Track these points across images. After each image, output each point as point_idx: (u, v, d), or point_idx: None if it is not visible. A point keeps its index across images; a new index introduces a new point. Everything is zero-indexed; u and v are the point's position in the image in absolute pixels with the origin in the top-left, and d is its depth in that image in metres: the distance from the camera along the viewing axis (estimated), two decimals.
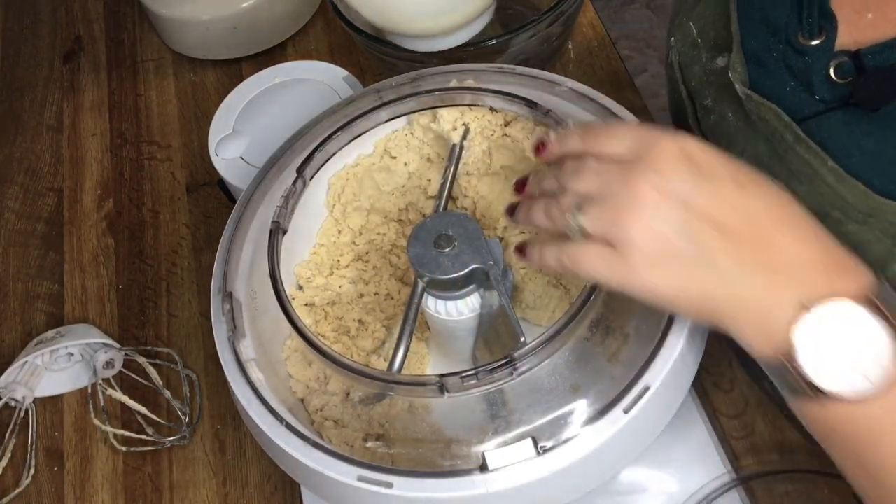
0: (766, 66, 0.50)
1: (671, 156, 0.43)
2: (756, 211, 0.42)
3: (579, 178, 0.46)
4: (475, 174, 0.63)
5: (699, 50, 0.57)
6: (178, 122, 0.94)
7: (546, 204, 0.48)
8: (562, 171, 0.47)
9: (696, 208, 0.42)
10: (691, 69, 0.58)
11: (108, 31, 1.03)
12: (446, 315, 0.54)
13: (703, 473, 0.63)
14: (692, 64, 0.58)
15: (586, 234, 0.44)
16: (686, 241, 0.42)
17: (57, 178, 0.93)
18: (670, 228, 0.42)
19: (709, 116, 0.56)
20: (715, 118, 0.55)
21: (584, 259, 0.45)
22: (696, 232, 0.42)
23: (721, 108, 0.54)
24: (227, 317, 0.55)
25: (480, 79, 0.62)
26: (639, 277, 0.43)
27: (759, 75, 0.51)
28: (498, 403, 0.49)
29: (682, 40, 0.59)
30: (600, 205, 0.44)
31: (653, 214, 0.42)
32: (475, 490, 0.47)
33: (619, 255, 0.43)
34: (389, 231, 0.64)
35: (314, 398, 0.54)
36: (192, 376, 0.76)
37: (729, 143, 0.53)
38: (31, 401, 0.76)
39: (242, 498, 0.70)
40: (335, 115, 0.64)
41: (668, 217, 0.42)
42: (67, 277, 0.85)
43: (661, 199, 0.42)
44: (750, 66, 0.51)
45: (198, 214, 0.87)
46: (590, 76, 0.87)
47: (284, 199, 0.58)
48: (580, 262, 0.45)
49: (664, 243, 0.42)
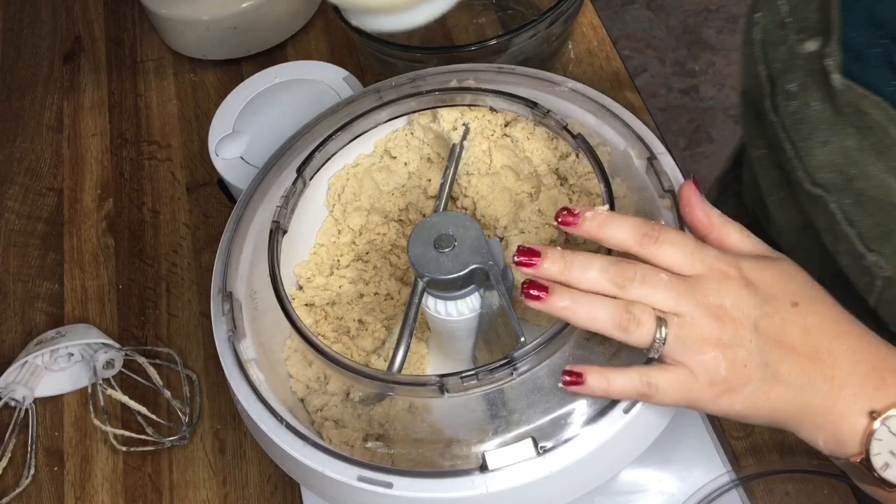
0: (866, 60, 0.48)
1: (735, 283, 0.45)
2: (813, 327, 0.45)
3: (651, 291, 0.44)
4: (475, 174, 0.63)
5: (787, 30, 0.54)
6: (178, 122, 0.94)
7: (613, 310, 0.44)
8: (619, 272, 0.45)
9: (763, 331, 0.44)
10: (776, 49, 0.55)
11: (108, 31, 1.03)
12: (446, 315, 0.54)
13: (703, 473, 0.62)
14: (778, 44, 0.55)
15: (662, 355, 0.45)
16: (760, 366, 0.44)
17: (57, 178, 0.93)
18: (747, 355, 0.44)
19: (789, 102, 0.53)
20: (797, 104, 0.53)
21: (665, 387, 0.45)
22: (767, 354, 0.44)
23: (806, 95, 0.52)
24: (227, 317, 0.55)
25: (480, 79, 0.62)
26: (717, 403, 0.45)
27: (858, 68, 0.49)
28: (498, 403, 0.49)
29: (769, 17, 0.56)
30: (680, 328, 0.44)
31: (732, 343, 0.44)
32: (475, 490, 0.47)
33: (699, 381, 0.44)
34: (389, 231, 0.64)
35: (314, 398, 0.54)
36: (192, 376, 0.76)
37: (810, 132, 0.51)
38: (31, 401, 0.76)
39: (242, 498, 0.70)
40: (335, 115, 0.64)
41: (746, 346, 0.44)
42: (67, 277, 0.85)
43: (738, 329, 0.44)
44: (847, 56, 0.49)
45: (198, 214, 0.87)
46: (590, 76, 0.87)
47: (284, 199, 0.58)
48: (661, 392, 0.45)
49: (743, 370, 0.44)
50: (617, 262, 0.45)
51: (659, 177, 0.54)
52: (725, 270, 0.45)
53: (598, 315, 0.44)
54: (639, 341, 0.44)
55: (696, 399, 0.45)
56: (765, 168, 0.60)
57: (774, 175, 0.60)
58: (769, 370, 0.44)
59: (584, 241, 0.59)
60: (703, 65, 2.02)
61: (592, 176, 0.56)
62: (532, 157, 0.61)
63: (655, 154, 0.56)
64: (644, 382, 0.45)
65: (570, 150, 0.60)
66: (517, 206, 0.62)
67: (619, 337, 0.45)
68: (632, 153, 0.57)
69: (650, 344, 0.44)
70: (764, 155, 0.60)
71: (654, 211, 0.54)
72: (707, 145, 1.90)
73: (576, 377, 0.45)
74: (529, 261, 0.46)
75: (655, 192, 0.55)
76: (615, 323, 0.44)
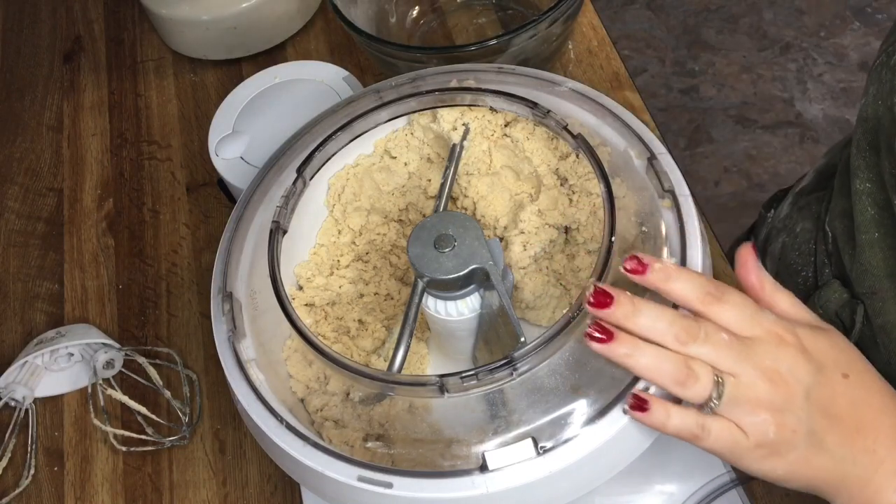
0: None
1: (792, 349, 0.46)
2: (860, 399, 0.46)
3: (712, 350, 0.45)
4: (475, 174, 0.63)
5: None
6: (178, 122, 0.94)
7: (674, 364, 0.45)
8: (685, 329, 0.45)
9: (814, 400, 0.45)
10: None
11: (108, 31, 1.03)
12: (446, 315, 0.54)
13: (703, 473, 0.62)
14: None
15: (718, 411, 0.45)
16: (807, 433, 0.45)
17: (57, 178, 0.93)
18: (796, 422, 0.45)
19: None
20: None
21: (716, 435, 0.46)
22: (814, 422, 0.45)
23: None
24: (227, 317, 0.55)
25: (480, 79, 0.62)
26: (760, 464, 0.46)
27: None
28: (498, 403, 0.49)
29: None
30: (735, 389, 0.45)
31: (783, 408, 0.45)
32: (475, 490, 0.47)
33: (748, 440, 0.45)
34: (389, 231, 0.64)
35: (314, 398, 0.54)
36: (192, 376, 0.76)
37: None
38: (31, 401, 0.76)
39: (242, 498, 0.70)
40: (335, 115, 0.64)
41: (796, 412, 0.45)
42: (67, 277, 0.85)
43: (790, 395, 0.45)
44: None
45: (198, 214, 0.87)
46: (590, 76, 0.87)
47: (284, 199, 0.58)
48: (711, 438, 0.46)
49: (791, 435, 0.45)
50: (683, 319, 0.46)
51: (659, 177, 0.54)
52: (783, 335, 0.46)
53: (660, 368, 0.45)
54: (694, 397, 0.45)
55: (742, 456, 0.46)
56: (865, 204, 0.58)
57: (873, 213, 0.57)
58: (815, 438, 0.45)
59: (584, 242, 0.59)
60: (703, 65, 2.02)
61: (592, 176, 0.56)
62: (532, 158, 0.61)
63: (655, 154, 0.56)
64: (699, 425, 0.46)
65: (570, 150, 0.60)
66: (517, 207, 0.62)
67: (675, 391, 0.45)
68: (632, 153, 0.57)
69: (705, 401, 0.45)
70: (868, 190, 0.57)
71: (653, 211, 0.54)
72: (707, 145, 1.90)
73: (641, 403, 0.46)
74: (602, 303, 0.46)
75: (655, 193, 0.55)
76: (674, 377, 0.45)
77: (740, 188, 1.82)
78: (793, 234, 0.71)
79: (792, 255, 0.69)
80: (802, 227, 0.70)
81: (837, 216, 0.63)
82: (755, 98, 1.95)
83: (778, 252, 0.72)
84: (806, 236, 0.69)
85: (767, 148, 1.87)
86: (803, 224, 0.71)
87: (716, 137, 1.90)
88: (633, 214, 0.55)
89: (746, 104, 1.94)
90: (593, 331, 0.45)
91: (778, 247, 0.72)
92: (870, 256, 0.58)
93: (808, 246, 0.68)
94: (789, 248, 0.70)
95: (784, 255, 0.70)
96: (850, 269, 0.60)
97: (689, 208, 0.53)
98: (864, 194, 0.57)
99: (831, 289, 0.62)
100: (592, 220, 0.58)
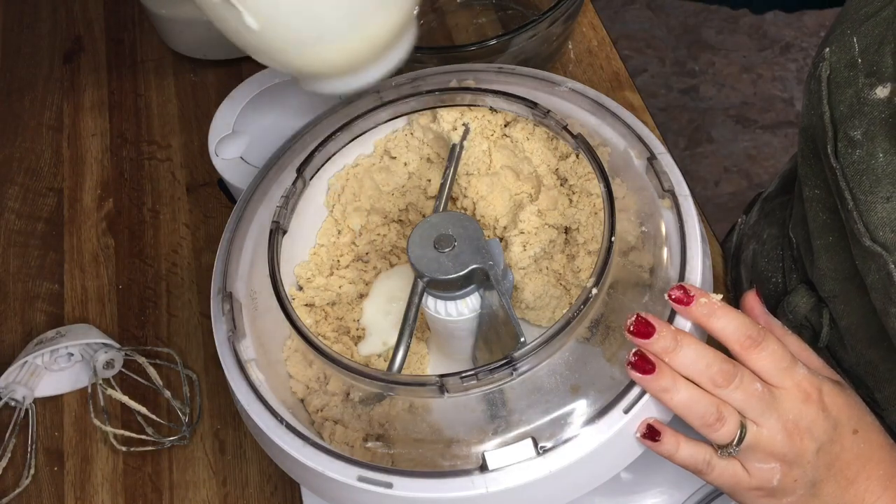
0: None
1: (815, 406, 0.47)
2: (862, 453, 0.48)
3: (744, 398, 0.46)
4: (475, 174, 0.63)
5: (857, 72, 0.51)
6: (178, 122, 0.94)
7: (707, 405, 0.46)
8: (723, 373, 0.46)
9: (822, 454, 0.47)
10: (843, 91, 0.52)
11: (108, 31, 1.03)
12: (446, 315, 0.54)
13: None
14: (845, 86, 0.51)
15: (734, 455, 0.47)
16: (807, 483, 0.47)
17: (57, 178, 0.93)
18: (801, 473, 0.47)
19: (853, 150, 0.50)
20: (861, 154, 0.50)
21: (719, 472, 0.48)
22: (817, 474, 0.48)
23: (871, 144, 0.49)
24: (227, 317, 0.55)
25: (480, 79, 0.62)
26: (755, 501, 0.48)
27: None
28: (498, 403, 0.49)
29: (839, 55, 0.52)
30: (756, 437, 0.46)
31: (793, 461, 0.47)
32: (475, 490, 0.47)
33: (750, 481, 0.47)
34: (389, 231, 0.64)
35: (314, 398, 0.54)
36: (192, 376, 0.76)
37: (873, 185, 0.49)
38: (31, 401, 0.76)
39: (242, 498, 0.70)
40: (335, 116, 0.64)
41: (804, 465, 0.47)
42: (67, 277, 0.85)
43: (803, 450, 0.47)
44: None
45: (198, 214, 0.87)
46: (590, 76, 0.87)
47: (284, 199, 0.58)
48: (713, 473, 0.48)
49: (792, 484, 0.47)
50: (723, 362, 0.46)
51: (659, 177, 0.54)
52: (809, 392, 0.47)
53: (692, 408, 0.46)
54: (717, 439, 0.47)
55: (740, 493, 0.48)
56: (816, 210, 0.58)
57: (825, 219, 0.57)
58: (813, 489, 0.48)
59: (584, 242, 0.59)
60: (703, 65, 2.02)
61: (592, 176, 0.56)
62: (532, 158, 0.61)
63: (655, 154, 0.56)
64: (705, 461, 0.47)
65: (570, 150, 0.60)
66: (517, 207, 0.62)
67: (702, 431, 0.46)
68: (632, 153, 0.57)
69: (726, 445, 0.47)
70: (817, 196, 0.58)
71: (653, 211, 0.54)
72: (707, 145, 1.90)
73: (653, 433, 0.48)
74: (643, 332, 0.46)
75: (655, 193, 0.55)
76: (704, 419, 0.46)
77: (740, 188, 1.82)
78: (761, 241, 0.71)
79: (762, 261, 0.70)
80: (769, 234, 0.70)
81: (798, 222, 0.63)
82: (755, 98, 1.95)
83: (750, 259, 0.72)
84: (773, 243, 0.69)
85: (767, 148, 1.87)
86: (769, 230, 0.71)
87: (716, 137, 1.90)
88: (633, 214, 0.55)
89: (746, 104, 1.94)
90: (637, 361, 0.46)
91: (749, 254, 0.73)
92: (826, 261, 0.58)
93: (776, 252, 0.68)
94: (759, 254, 0.71)
95: (755, 263, 0.71)
96: (811, 274, 0.61)
97: (689, 208, 0.54)
98: (815, 201, 0.58)
99: (798, 294, 0.63)
100: (592, 221, 0.58)
